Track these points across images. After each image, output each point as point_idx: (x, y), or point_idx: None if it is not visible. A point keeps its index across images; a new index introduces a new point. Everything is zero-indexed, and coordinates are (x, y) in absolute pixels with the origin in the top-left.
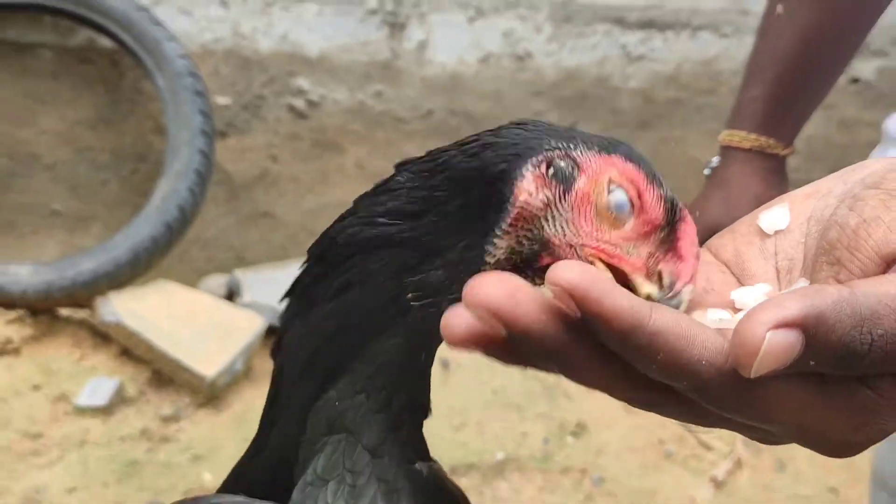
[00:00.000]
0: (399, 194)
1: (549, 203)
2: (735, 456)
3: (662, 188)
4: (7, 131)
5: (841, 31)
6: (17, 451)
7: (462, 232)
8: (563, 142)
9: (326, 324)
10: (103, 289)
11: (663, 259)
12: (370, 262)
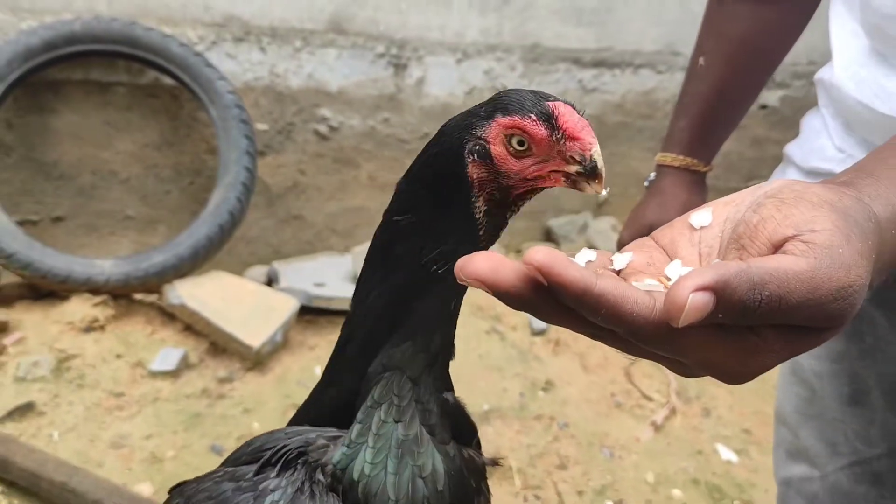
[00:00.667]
0: (399, 198)
1: (488, 170)
2: (670, 405)
3: (532, 115)
4: (91, 153)
5: (745, 81)
6: (104, 406)
7: (451, 210)
8: (470, 130)
9: (383, 292)
10: (170, 278)
11: (569, 146)
12: (397, 248)
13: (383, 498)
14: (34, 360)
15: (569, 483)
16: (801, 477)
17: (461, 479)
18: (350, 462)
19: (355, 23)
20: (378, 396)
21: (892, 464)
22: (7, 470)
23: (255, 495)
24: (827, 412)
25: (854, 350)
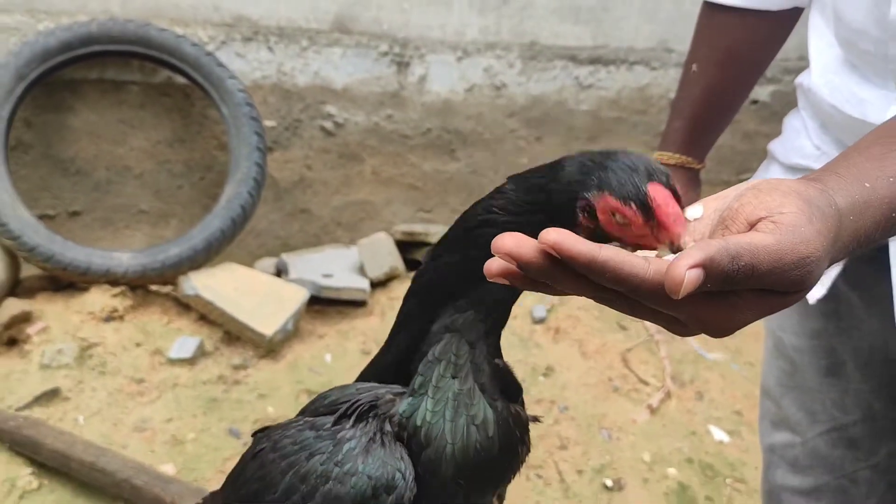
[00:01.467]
0: (507, 196)
1: (592, 224)
2: (665, 389)
3: (631, 203)
4: (107, 149)
5: (734, 86)
6: (126, 392)
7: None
8: (585, 188)
9: (454, 267)
10: (185, 269)
11: (661, 235)
12: (483, 235)
13: (442, 441)
14: (58, 348)
15: (569, 462)
16: (784, 443)
17: (508, 429)
18: (414, 411)
19: (359, 22)
20: (439, 353)
21: (865, 429)
22: (37, 451)
23: (334, 443)
24: (806, 384)
25: (831, 327)
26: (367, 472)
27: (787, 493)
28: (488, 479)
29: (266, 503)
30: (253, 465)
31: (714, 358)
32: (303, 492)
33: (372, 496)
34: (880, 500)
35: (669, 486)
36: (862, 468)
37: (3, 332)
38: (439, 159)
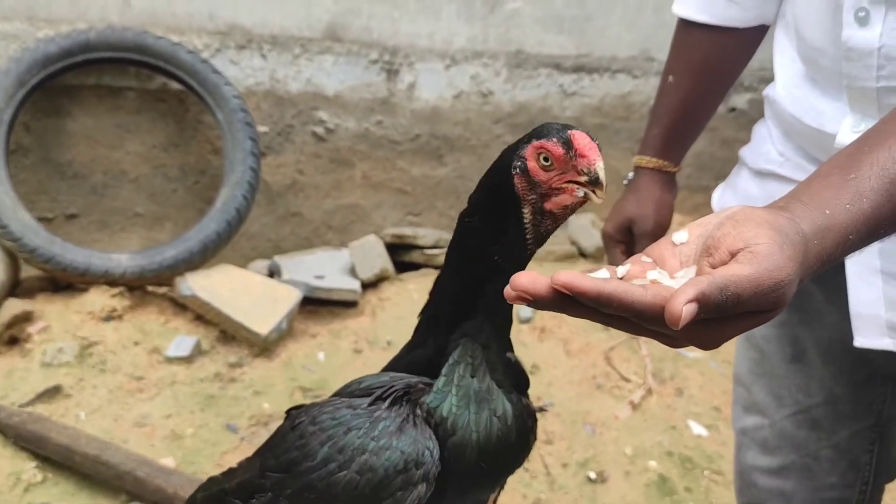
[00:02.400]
0: (470, 204)
1: (527, 181)
2: (647, 386)
3: (554, 138)
4: (103, 153)
5: (706, 97)
6: (126, 389)
7: (507, 210)
8: (516, 151)
9: (457, 278)
10: (181, 271)
11: (579, 161)
12: (469, 243)
13: (467, 430)
14: (59, 347)
15: (554, 456)
16: (754, 426)
17: (523, 420)
18: (439, 403)
19: (350, 31)
20: (458, 357)
21: (827, 411)
22: (42, 446)
23: (370, 420)
24: (774, 370)
25: (795, 318)
26: (399, 448)
27: (758, 473)
28: (505, 464)
29: (305, 469)
30: (292, 435)
31: (694, 356)
32: (339, 461)
33: (403, 469)
34: (841, 476)
35: (650, 478)
36: (824, 447)
37: (5, 332)
38: (428, 164)
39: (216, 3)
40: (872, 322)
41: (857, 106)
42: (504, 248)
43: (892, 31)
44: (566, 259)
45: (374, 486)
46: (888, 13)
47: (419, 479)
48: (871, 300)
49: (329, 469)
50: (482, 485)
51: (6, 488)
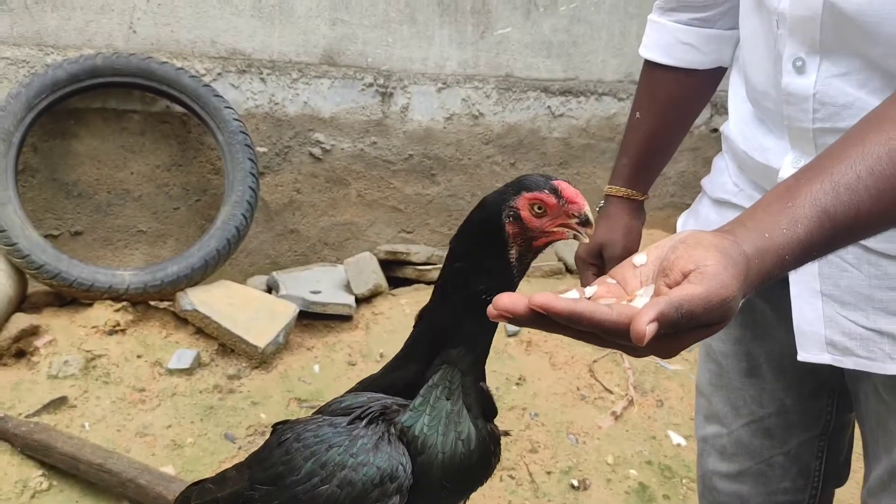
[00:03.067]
0: (453, 250)
1: (520, 227)
2: (629, 397)
3: (546, 190)
4: (108, 173)
5: (670, 131)
6: (129, 400)
7: (493, 253)
8: (506, 202)
9: (445, 312)
10: (182, 286)
11: (569, 207)
12: (455, 282)
13: (434, 450)
14: (65, 360)
15: (539, 465)
16: (714, 434)
17: (485, 443)
18: (413, 423)
19: (346, 56)
20: (437, 380)
21: (779, 421)
22: (48, 454)
23: (350, 438)
24: (731, 383)
25: (748, 334)
26: (376, 464)
27: (717, 478)
28: (467, 483)
29: (290, 482)
30: (279, 451)
31: (674, 369)
32: (322, 476)
33: (379, 483)
34: (792, 482)
35: (630, 486)
36: (777, 454)
37: (13, 345)
38: (420, 183)
39: (218, 30)
40: (813, 338)
41: (796, 144)
42: (491, 285)
43: (825, 79)
44: (553, 275)
45: (354, 498)
46: (822, 63)
47: (393, 491)
48: (812, 319)
49: (312, 483)
50: (447, 498)
51: (14, 495)
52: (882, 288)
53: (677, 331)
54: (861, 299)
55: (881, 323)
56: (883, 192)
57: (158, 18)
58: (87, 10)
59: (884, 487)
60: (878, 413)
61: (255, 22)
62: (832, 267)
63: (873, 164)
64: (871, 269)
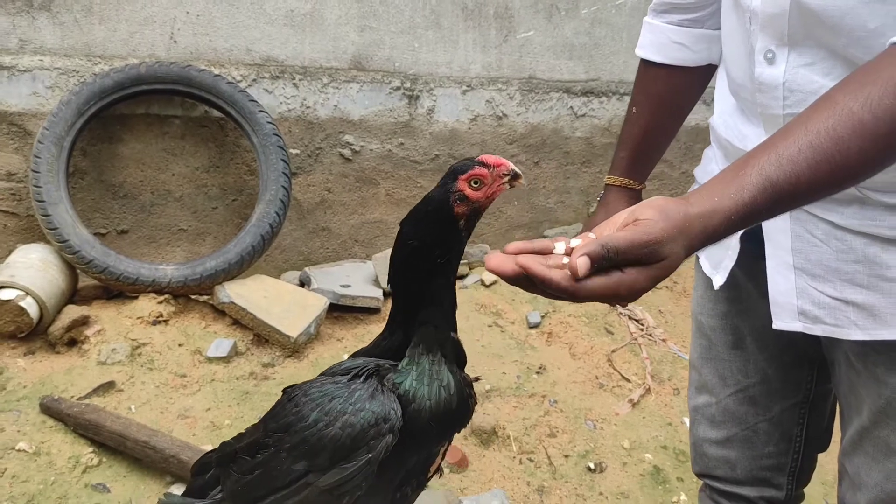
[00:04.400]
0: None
1: (466, 204)
2: (646, 386)
3: (475, 167)
4: (152, 175)
5: (665, 125)
6: (171, 385)
7: (446, 231)
8: (449, 189)
9: (411, 281)
10: (220, 280)
11: (498, 170)
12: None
13: (423, 399)
14: (113, 348)
15: (557, 448)
16: (704, 404)
17: (461, 388)
18: (403, 380)
19: (374, 61)
20: (418, 340)
21: (763, 390)
22: (98, 433)
23: (349, 390)
24: (719, 355)
25: (734, 310)
26: (371, 409)
27: (707, 444)
28: (451, 423)
29: (300, 428)
30: (290, 405)
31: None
32: (326, 421)
33: (374, 424)
34: (776, 446)
35: (645, 469)
36: (761, 421)
37: (65, 334)
38: None
39: (253, 39)
40: (787, 308)
41: (770, 130)
42: (444, 251)
43: (793, 69)
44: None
45: (354, 437)
46: (790, 54)
47: (387, 430)
48: (785, 290)
49: (318, 427)
50: (432, 440)
51: (67, 470)
52: (848, 261)
53: (611, 265)
54: (829, 272)
55: (847, 293)
56: (820, 163)
57: (197, 29)
58: (132, 22)
59: (855, 448)
60: (850, 379)
61: (287, 30)
62: (804, 242)
63: (813, 139)
64: (838, 243)
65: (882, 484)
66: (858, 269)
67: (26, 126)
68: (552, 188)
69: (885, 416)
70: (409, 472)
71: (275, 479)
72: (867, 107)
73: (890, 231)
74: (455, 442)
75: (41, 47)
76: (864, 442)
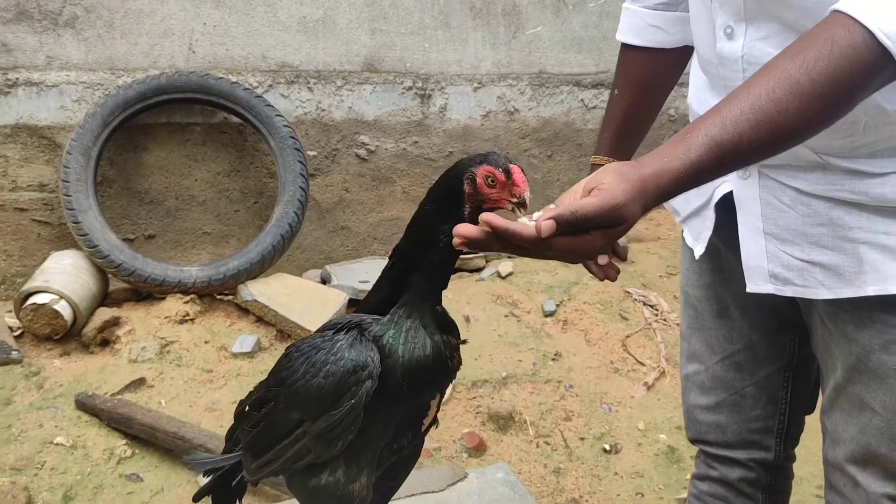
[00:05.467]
0: (429, 194)
1: (473, 189)
2: (660, 369)
3: (500, 169)
4: (175, 181)
5: (645, 106)
6: (199, 380)
7: (453, 203)
8: (469, 167)
9: (413, 247)
10: (243, 279)
11: (514, 189)
12: (423, 221)
13: (396, 354)
14: (142, 346)
15: (573, 431)
16: (694, 371)
17: (439, 351)
18: (382, 333)
19: (386, 63)
20: (402, 303)
21: (748, 356)
22: (130, 426)
23: (332, 342)
24: (705, 324)
25: (717, 279)
26: (350, 357)
27: (698, 410)
28: (426, 382)
29: (292, 381)
30: (285, 361)
31: None
32: (312, 372)
33: (353, 371)
34: (763, 409)
35: (660, 449)
36: (748, 385)
37: (98, 335)
38: None
39: (267, 46)
40: (758, 272)
41: None
42: (447, 228)
43: (751, 43)
44: None
45: (336, 384)
46: (747, 29)
47: (366, 377)
48: (756, 254)
49: (306, 378)
50: (411, 396)
51: (102, 461)
52: (813, 224)
53: (576, 230)
54: (797, 235)
55: (814, 255)
56: (761, 123)
57: (214, 39)
58: (152, 35)
59: (832, 405)
60: (824, 339)
61: (300, 36)
62: (772, 209)
63: (754, 101)
64: (804, 208)
65: (857, 437)
66: (823, 231)
67: (55, 139)
68: (566, 180)
69: (857, 372)
70: (401, 424)
71: (276, 429)
72: (803, 69)
73: (851, 195)
74: (472, 428)
75: (67, 63)
76: (840, 399)
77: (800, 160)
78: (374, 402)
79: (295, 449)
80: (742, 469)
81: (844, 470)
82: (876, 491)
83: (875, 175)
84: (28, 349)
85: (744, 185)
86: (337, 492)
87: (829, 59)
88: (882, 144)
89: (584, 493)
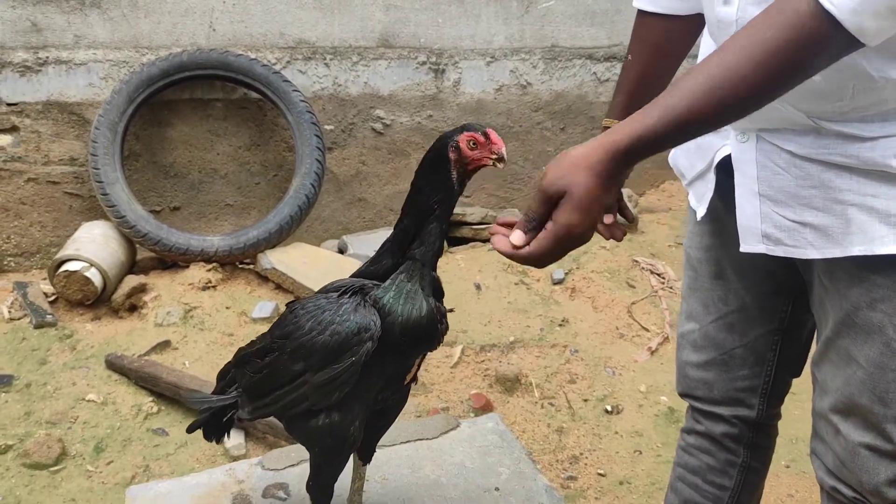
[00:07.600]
0: (419, 171)
1: (458, 155)
2: (664, 334)
3: (479, 132)
4: (198, 155)
5: (659, 71)
6: (220, 343)
7: (442, 174)
8: (453, 137)
9: (411, 220)
10: (262, 248)
11: (493, 147)
12: (418, 195)
13: (396, 315)
14: (168, 311)
15: (577, 393)
16: (689, 330)
17: (432, 315)
18: (383, 296)
19: (400, 38)
20: (402, 269)
21: (740, 317)
22: (156, 384)
23: (337, 304)
24: (703, 285)
25: (716, 242)
26: (355, 320)
27: (689, 366)
28: (420, 341)
29: (298, 335)
30: (290, 317)
31: None
32: (318, 330)
33: (356, 332)
34: (750, 369)
35: (660, 410)
36: (738, 346)
37: (126, 300)
38: None
39: (285, 23)
40: (752, 232)
41: None
42: (440, 197)
43: (744, 7)
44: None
45: (340, 343)
46: None
47: (367, 338)
48: (751, 215)
49: (312, 335)
50: (407, 353)
51: (130, 416)
52: (805, 187)
53: (542, 220)
54: (790, 197)
55: (805, 216)
56: (714, 90)
57: (234, 17)
58: (174, 14)
59: (822, 357)
60: (820, 295)
61: (317, 13)
62: (767, 171)
63: (709, 70)
64: (797, 171)
65: (842, 388)
66: (815, 193)
67: (84, 114)
68: None
69: (846, 326)
70: (388, 380)
71: (279, 376)
72: (753, 37)
73: (842, 158)
74: (480, 389)
75: (94, 41)
76: (829, 351)
77: (795, 124)
78: (371, 358)
79: (293, 396)
80: (726, 425)
81: (828, 419)
82: (855, 440)
83: (866, 139)
84: (62, 313)
85: (742, 148)
86: (333, 432)
87: (776, 27)
88: (872, 109)
89: (584, 450)
